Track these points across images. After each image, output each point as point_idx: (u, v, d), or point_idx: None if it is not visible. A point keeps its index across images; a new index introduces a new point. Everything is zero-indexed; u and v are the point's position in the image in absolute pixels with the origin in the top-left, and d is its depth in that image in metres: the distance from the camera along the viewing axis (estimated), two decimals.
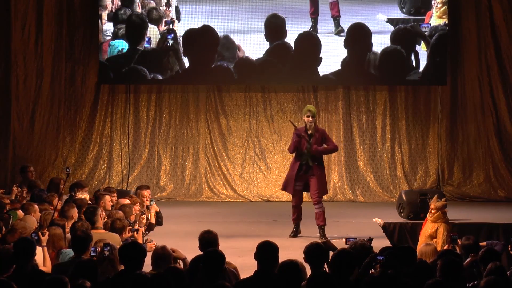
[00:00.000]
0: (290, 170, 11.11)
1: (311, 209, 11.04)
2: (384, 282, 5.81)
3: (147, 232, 10.39)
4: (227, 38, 14.30)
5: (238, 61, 14.35)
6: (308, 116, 10.87)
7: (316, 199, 10.89)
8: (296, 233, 11.08)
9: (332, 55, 14.27)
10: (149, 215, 11.14)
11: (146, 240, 9.59)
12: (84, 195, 11.03)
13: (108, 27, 14.44)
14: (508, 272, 6.95)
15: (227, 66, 14.31)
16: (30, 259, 6.77)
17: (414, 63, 14.26)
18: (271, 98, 15.00)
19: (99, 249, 7.15)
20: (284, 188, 11.20)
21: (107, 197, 10.46)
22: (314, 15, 14.43)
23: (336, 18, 14.35)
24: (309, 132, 10.90)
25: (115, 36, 14.36)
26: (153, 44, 14.30)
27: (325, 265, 6.43)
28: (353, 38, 14.26)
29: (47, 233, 8.17)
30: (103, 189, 11.55)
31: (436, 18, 14.31)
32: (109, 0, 14.39)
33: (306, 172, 10.93)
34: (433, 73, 14.32)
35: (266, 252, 6.35)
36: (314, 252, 6.42)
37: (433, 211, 10.57)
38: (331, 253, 6.46)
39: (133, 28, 14.34)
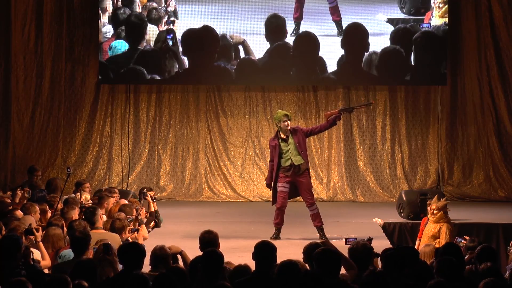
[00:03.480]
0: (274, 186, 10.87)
1: (306, 208, 10.93)
2: (384, 282, 5.80)
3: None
4: (226, 38, 14.33)
5: (239, 61, 14.35)
6: (285, 121, 10.77)
7: (309, 202, 10.79)
8: (277, 237, 10.70)
9: (333, 55, 14.28)
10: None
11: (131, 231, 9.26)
12: (84, 195, 11.02)
13: (107, 29, 14.44)
14: (507, 272, 6.95)
15: (227, 67, 14.31)
16: (14, 255, 6.70)
17: (414, 63, 14.27)
18: (271, 98, 15.00)
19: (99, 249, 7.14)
20: (273, 201, 10.93)
21: (111, 200, 10.43)
22: (298, 19, 14.41)
23: (338, 22, 14.34)
24: (283, 136, 10.80)
25: (117, 36, 14.36)
26: (153, 44, 14.30)
27: None
28: (350, 38, 14.26)
29: (40, 228, 8.19)
30: (104, 190, 11.50)
31: (437, 18, 14.31)
32: (109, 2, 14.38)
33: (297, 173, 10.75)
34: (433, 73, 14.31)
35: (263, 252, 6.35)
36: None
37: (435, 212, 10.54)
38: None
39: (133, 28, 14.34)
